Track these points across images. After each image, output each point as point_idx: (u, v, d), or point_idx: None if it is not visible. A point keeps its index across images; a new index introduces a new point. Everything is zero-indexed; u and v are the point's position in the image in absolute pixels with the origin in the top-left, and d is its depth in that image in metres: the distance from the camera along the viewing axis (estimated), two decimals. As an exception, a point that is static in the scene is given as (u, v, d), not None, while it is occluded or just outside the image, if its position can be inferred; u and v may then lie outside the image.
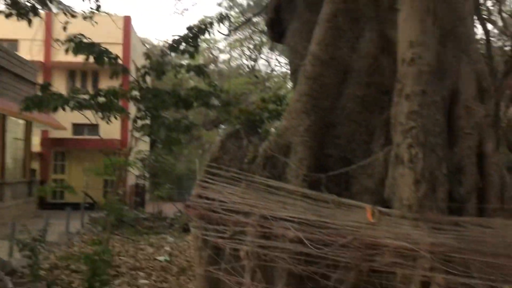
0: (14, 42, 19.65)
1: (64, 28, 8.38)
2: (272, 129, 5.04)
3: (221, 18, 9.57)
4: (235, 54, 31.87)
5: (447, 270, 2.57)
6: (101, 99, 9.36)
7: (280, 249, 2.98)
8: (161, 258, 10.11)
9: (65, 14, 10.19)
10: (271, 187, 3.16)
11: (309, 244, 2.86)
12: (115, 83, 9.93)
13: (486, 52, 8.71)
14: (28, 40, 15.26)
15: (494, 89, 3.16)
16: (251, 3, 21.21)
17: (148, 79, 11.10)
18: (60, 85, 16.80)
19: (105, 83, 13.51)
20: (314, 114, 3.18)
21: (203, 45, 28.23)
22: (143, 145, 19.08)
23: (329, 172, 3.14)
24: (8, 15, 9.18)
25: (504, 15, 12.40)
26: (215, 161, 3.42)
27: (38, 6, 9.41)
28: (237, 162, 3.37)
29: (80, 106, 9.20)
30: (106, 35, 14.51)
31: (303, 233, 2.90)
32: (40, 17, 9.87)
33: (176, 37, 9.19)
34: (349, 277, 2.82)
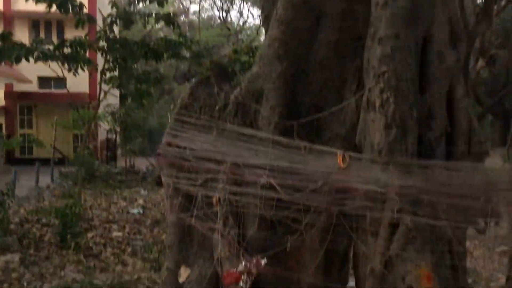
0: (-31, -10, 18.55)
1: (23, -27, 7.89)
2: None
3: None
4: (206, 4, 30.92)
5: (415, 212, 2.64)
6: (67, 50, 9.01)
7: (252, 196, 2.99)
8: (134, 211, 10.14)
9: (23, -43, 9.61)
10: (243, 135, 3.13)
11: (281, 190, 2.87)
12: (81, 34, 9.53)
13: (459, 3, 8.67)
14: (-15, -13, 14.38)
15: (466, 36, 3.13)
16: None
17: (116, 30, 10.69)
18: (22, 36, 16.05)
19: (70, 34, 12.95)
20: (286, 60, 3.11)
21: (173, -5, 27.24)
22: (113, 99, 18.65)
23: (301, 119, 3.11)
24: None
25: (477, -35, 12.35)
26: (185, 109, 3.34)
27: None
28: (208, 109, 3.30)
29: (45, 57, 8.85)
30: (69, -18, 13.80)
31: (275, 180, 2.91)
32: (-3, -39, 9.29)
33: (144, -16, 8.80)
34: (320, 221, 2.87)
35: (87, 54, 9.59)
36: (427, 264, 2.65)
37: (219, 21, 30.68)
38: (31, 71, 17.78)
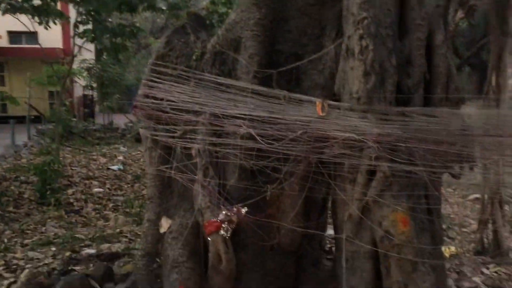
0: None
1: None
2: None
3: None
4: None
5: (392, 158, 2.67)
6: (37, 2, 8.63)
7: (231, 146, 2.98)
8: (114, 167, 10.09)
9: None
10: (221, 85, 3.08)
11: (260, 139, 2.87)
12: (51, -16, 9.10)
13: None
14: None
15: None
16: None
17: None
18: (-12, -12, 15.26)
19: (39, -15, 12.32)
20: (265, 6, 3.02)
21: None
22: (88, 54, 18.13)
23: (280, 68, 3.07)
24: None
25: None
26: (161, 59, 3.26)
27: None
28: (185, 59, 3.22)
29: (13, 9, 8.46)
30: None
31: (254, 130, 2.90)
32: None
33: None
34: (299, 170, 2.89)
35: (58, 6, 9.20)
36: (403, 209, 2.71)
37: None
38: (0, 26, 17.06)
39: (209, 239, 2.93)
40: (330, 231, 3.79)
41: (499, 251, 4.47)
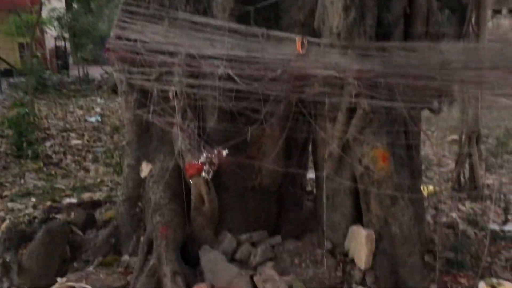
0: None
1: None
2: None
3: None
4: None
5: (372, 95, 2.65)
6: None
7: (209, 87, 2.91)
8: (92, 119, 9.91)
9: None
10: (196, 24, 2.96)
11: (239, 80, 2.80)
12: None
13: None
14: None
15: None
16: None
17: None
18: None
19: None
20: None
21: None
22: (58, 3, 17.34)
23: (258, 4, 2.96)
24: None
25: None
26: (133, -2, 3.10)
27: None
28: (158, -3, 3.08)
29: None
30: None
31: (233, 70, 2.82)
32: None
33: None
34: (279, 109, 2.85)
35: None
36: (383, 145, 2.72)
37: None
38: (-39, -27, 16.09)
39: (190, 181, 2.92)
40: (311, 175, 3.81)
41: (475, 185, 4.59)
